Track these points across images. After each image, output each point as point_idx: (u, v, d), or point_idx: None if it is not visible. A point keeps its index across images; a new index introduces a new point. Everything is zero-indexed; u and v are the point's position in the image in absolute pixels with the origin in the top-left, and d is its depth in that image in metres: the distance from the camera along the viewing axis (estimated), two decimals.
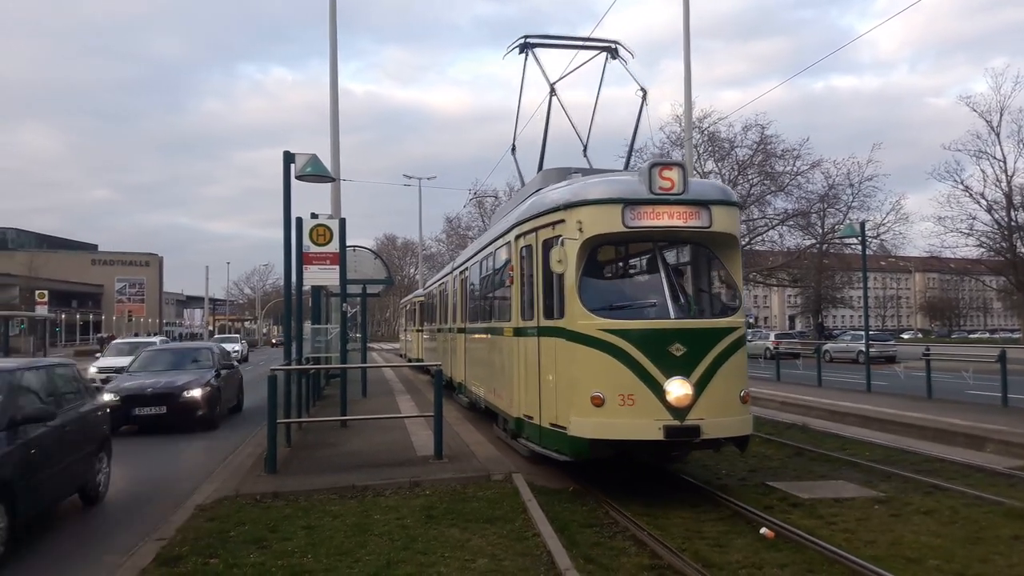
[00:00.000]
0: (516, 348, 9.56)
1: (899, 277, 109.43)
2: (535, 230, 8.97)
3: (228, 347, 30.35)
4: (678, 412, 7.58)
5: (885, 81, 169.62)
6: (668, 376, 7.65)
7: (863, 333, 24.77)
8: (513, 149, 14.10)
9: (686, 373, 7.68)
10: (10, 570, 6.40)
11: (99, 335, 79.30)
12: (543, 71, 12.01)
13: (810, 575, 5.87)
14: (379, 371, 27.35)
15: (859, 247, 21.37)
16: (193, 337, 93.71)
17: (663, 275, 8.25)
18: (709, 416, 7.68)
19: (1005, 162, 40.32)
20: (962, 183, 41.28)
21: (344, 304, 15.20)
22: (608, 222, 8.16)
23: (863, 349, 19.89)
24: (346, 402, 13.78)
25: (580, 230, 8.10)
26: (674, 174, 8.20)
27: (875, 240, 46.40)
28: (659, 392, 7.61)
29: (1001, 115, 39.82)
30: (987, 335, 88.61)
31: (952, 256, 49.59)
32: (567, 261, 8.05)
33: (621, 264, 10.16)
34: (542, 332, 8.72)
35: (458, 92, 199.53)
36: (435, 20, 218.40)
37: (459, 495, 8.05)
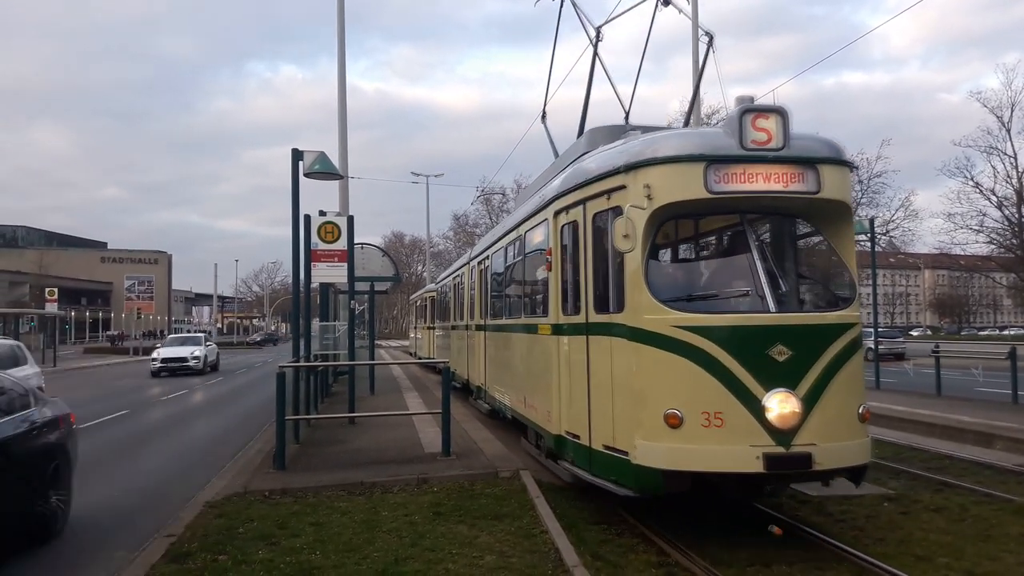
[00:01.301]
0: (555, 349, 7.97)
1: (908, 274, 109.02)
2: (582, 202, 7.35)
3: (185, 351, 30.64)
4: (782, 435, 5.97)
5: (896, 77, 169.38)
6: (768, 388, 6.02)
7: (872, 330, 24.68)
8: (543, 116, 12.59)
9: (791, 384, 6.06)
10: (20, 566, 6.45)
11: (108, 333, 79.77)
12: (583, 17, 10.73)
13: (819, 572, 5.85)
14: (387, 368, 27.44)
15: (868, 244, 21.25)
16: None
17: (756, 255, 6.55)
18: (822, 440, 6.05)
19: (1016, 158, 40.21)
20: (972, 179, 41.19)
21: (352, 301, 15.22)
22: (686, 186, 6.41)
23: (872, 346, 19.74)
24: (354, 399, 13.82)
25: (648, 197, 6.37)
26: (772, 123, 6.39)
27: (884, 237, 46.22)
28: (756, 409, 6.00)
29: (1012, 111, 39.73)
30: (997, 332, 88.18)
31: (962, 253, 49.39)
32: (634, 236, 6.28)
33: (700, 242, 8.38)
34: (593, 329, 7.14)
35: (467, 90, 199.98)
36: (445, 18, 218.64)
37: (467, 492, 8.06)
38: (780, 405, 5.98)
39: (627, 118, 10.84)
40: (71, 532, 7.32)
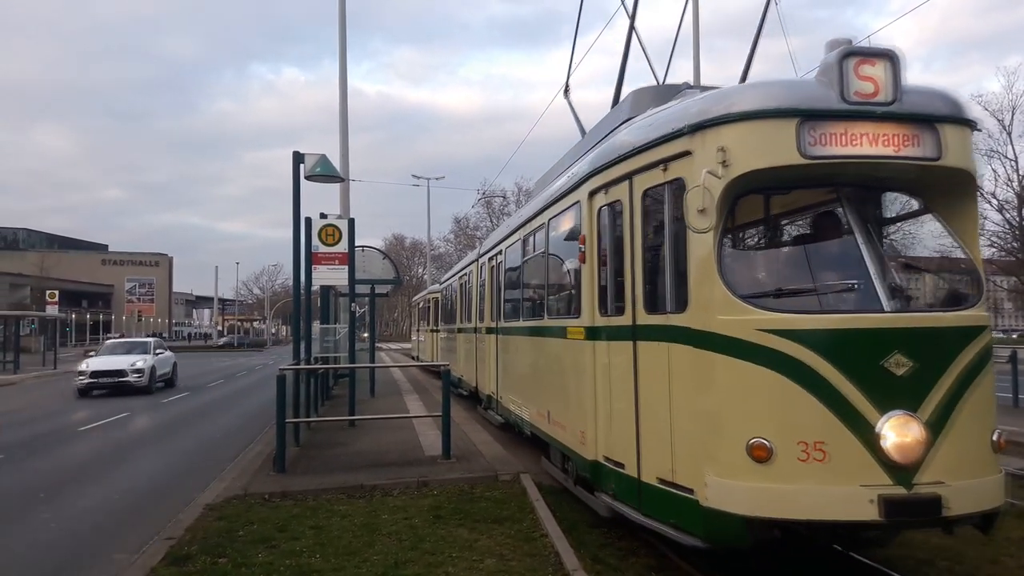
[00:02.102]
0: (589, 357, 6.70)
1: None
2: (627, 177, 6.05)
3: (124, 361, 22.41)
4: (902, 472, 4.73)
5: None
6: (884, 410, 4.76)
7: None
8: (566, 91, 11.20)
9: (913, 404, 4.82)
10: (21, 568, 6.45)
11: (108, 335, 79.84)
12: None
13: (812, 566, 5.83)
14: (388, 371, 27.40)
15: None
16: (207, 337, 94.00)
17: (861, 238, 5.27)
18: (952, 477, 4.82)
19: (1016, 161, 40.11)
20: None
21: (353, 304, 15.22)
22: (772, 149, 5.05)
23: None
24: (354, 402, 13.82)
25: (724, 164, 5.04)
26: (880, 71, 5.07)
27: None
28: (869, 438, 4.74)
29: (1013, 114, 39.60)
30: (1000, 335, 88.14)
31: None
32: (711, 211, 5.06)
33: (786, 222, 6.93)
34: (642, 333, 5.84)
35: (469, 92, 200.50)
36: (448, 20, 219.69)
37: (467, 495, 8.05)
38: (900, 432, 4.71)
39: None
40: (71, 534, 7.31)
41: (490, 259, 12.88)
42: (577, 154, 8.30)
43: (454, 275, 19.70)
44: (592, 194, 6.74)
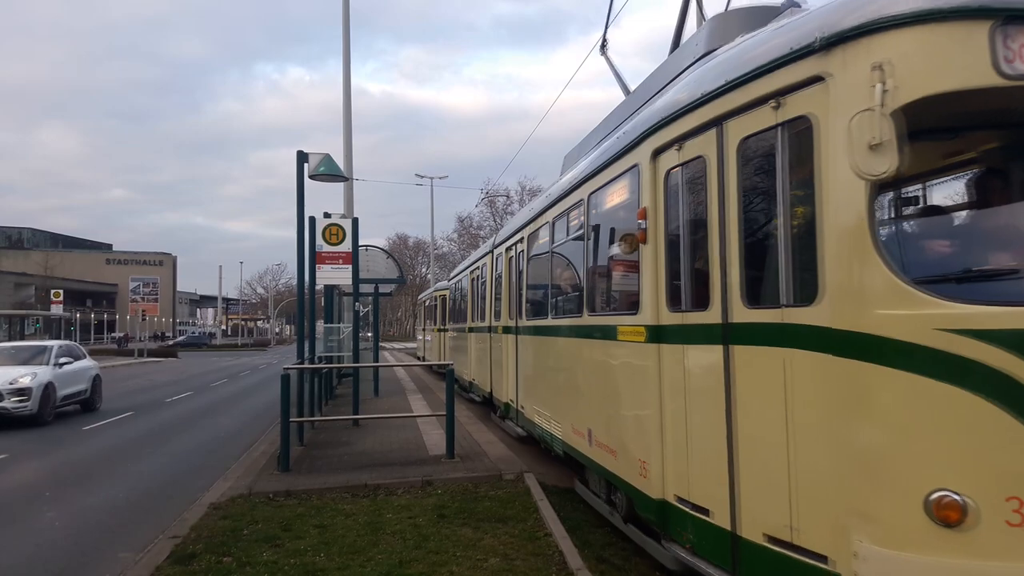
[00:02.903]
0: (653, 364, 5.35)
1: None
2: (715, 124, 4.59)
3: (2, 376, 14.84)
4: None
5: None
6: None
7: None
8: (603, 46, 9.61)
9: None
10: (26, 566, 6.46)
11: (113, 334, 80.00)
12: None
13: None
14: (391, 371, 27.43)
15: None
16: (211, 336, 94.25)
17: None
18: None
19: None
20: None
21: (356, 303, 15.25)
22: (956, 65, 3.54)
23: None
24: (358, 401, 13.83)
25: (884, 87, 3.52)
26: None
27: None
28: None
29: None
30: None
31: None
32: (888, 147, 3.50)
33: (963, 174, 4.94)
34: (741, 335, 4.37)
35: (474, 92, 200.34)
36: (453, 20, 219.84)
37: (471, 494, 8.05)
38: None
39: None
40: (74, 533, 7.33)
41: (507, 249, 11.64)
42: (623, 115, 6.86)
43: (464, 270, 18.22)
44: (657, 153, 5.33)
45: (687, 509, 4.92)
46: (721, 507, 4.53)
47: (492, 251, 13.42)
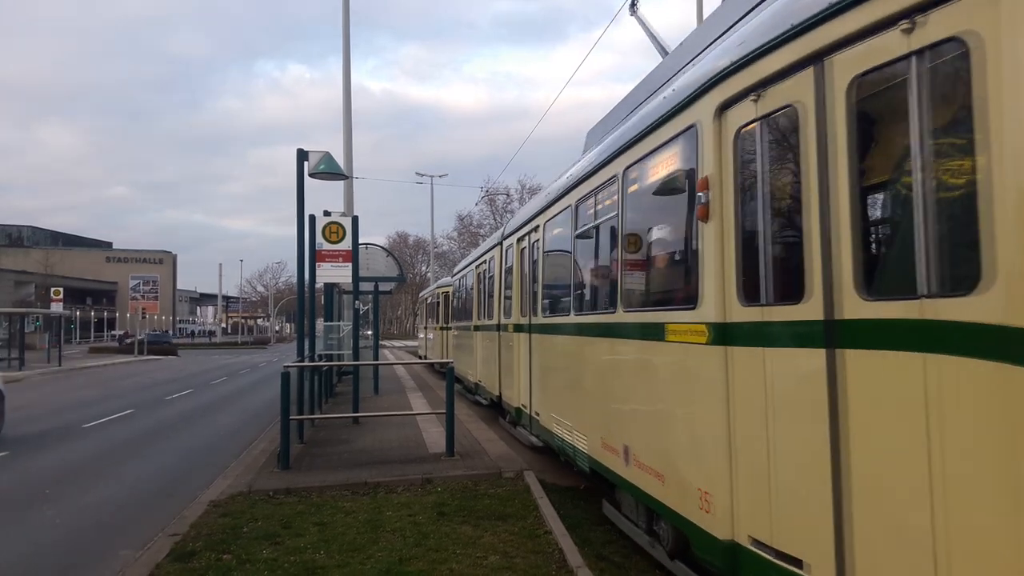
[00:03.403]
0: (718, 372, 4.37)
1: None
2: (812, 61, 3.65)
3: None
4: None
5: None
6: None
7: None
8: (633, 5, 8.95)
9: None
10: (25, 564, 6.47)
11: (113, 332, 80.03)
12: None
13: None
14: (391, 369, 27.44)
15: None
16: (210, 335, 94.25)
17: None
18: None
19: None
20: None
21: (356, 302, 15.25)
22: None
23: None
24: (358, 399, 13.84)
25: None
26: None
27: None
28: None
29: None
30: None
31: None
32: None
33: None
34: (855, 335, 3.40)
35: (474, 90, 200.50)
36: (454, 17, 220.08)
37: (471, 492, 8.05)
38: None
39: None
40: (74, 531, 7.34)
41: (519, 240, 10.75)
42: (664, 76, 5.95)
43: (469, 264, 17.27)
44: (724, 108, 4.38)
45: (769, 557, 3.91)
46: (823, 560, 3.51)
47: (501, 243, 12.52)
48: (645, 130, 5.59)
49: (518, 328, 10.78)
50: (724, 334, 4.34)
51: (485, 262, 14.32)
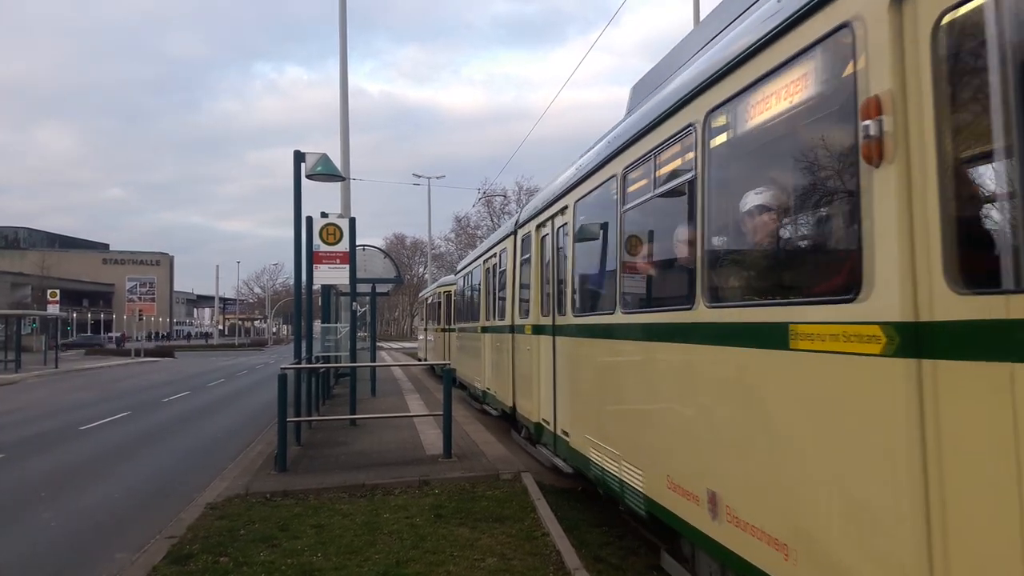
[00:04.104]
0: (907, 402, 2.72)
1: None
2: None
3: None
4: None
5: None
6: None
7: None
8: None
9: None
10: (21, 567, 6.45)
11: (109, 334, 79.92)
12: None
13: None
14: (389, 371, 27.40)
15: None
16: (207, 336, 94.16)
17: None
18: None
19: None
20: None
21: (353, 303, 15.24)
22: None
23: None
24: (355, 401, 13.82)
25: None
26: None
27: None
28: None
29: None
30: None
31: None
32: None
33: None
34: None
35: (472, 91, 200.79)
36: (452, 19, 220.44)
37: (468, 494, 8.04)
38: None
39: None
40: (70, 533, 7.32)
41: (540, 227, 9.32)
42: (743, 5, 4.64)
43: (476, 259, 15.71)
44: None
45: None
46: None
47: (515, 232, 11.01)
48: (749, 49, 3.97)
49: (538, 329, 9.29)
50: (918, 340, 2.73)
51: (495, 255, 12.84)
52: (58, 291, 49.81)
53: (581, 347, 7.37)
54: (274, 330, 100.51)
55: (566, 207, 8.00)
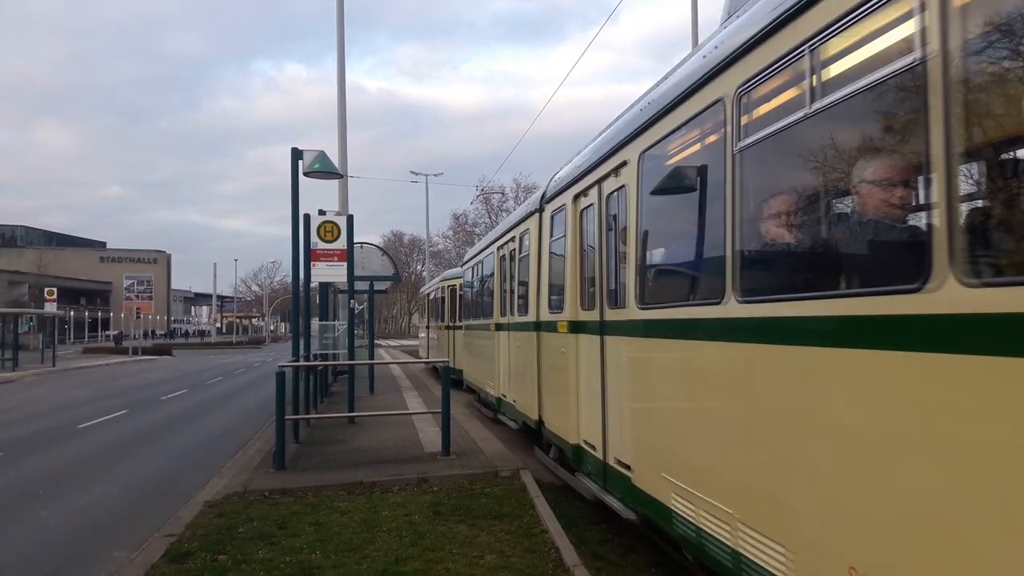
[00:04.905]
0: None
1: None
2: None
3: None
4: None
5: None
6: None
7: None
8: None
9: None
10: (19, 566, 6.44)
11: (107, 332, 79.82)
12: None
13: None
14: (386, 368, 27.40)
15: None
16: (203, 335, 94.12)
17: None
18: None
19: None
20: None
21: (351, 301, 15.22)
22: None
23: None
24: (354, 399, 13.81)
25: None
26: None
27: None
28: None
29: None
30: None
31: None
32: None
33: None
34: None
35: (471, 89, 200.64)
36: (452, 17, 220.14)
37: (467, 491, 8.04)
38: None
39: None
40: (69, 531, 7.31)
41: (577, 198, 7.71)
42: None
43: (488, 247, 13.88)
44: None
45: None
46: None
47: (540, 210, 9.35)
48: None
49: (576, 327, 7.59)
50: None
51: (513, 239, 11.05)
52: (55, 289, 49.66)
53: (656, 351, 5.55)
54: (272, 328, 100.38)
55: (624, 163, 6.14)
